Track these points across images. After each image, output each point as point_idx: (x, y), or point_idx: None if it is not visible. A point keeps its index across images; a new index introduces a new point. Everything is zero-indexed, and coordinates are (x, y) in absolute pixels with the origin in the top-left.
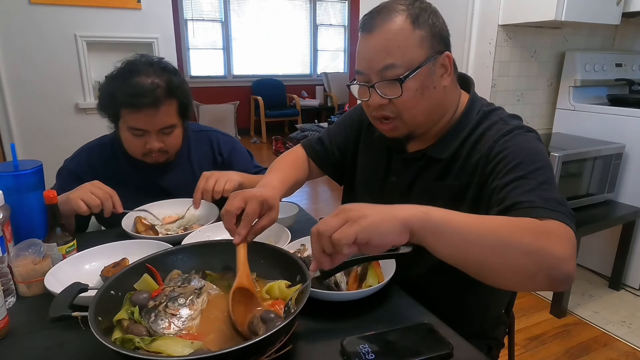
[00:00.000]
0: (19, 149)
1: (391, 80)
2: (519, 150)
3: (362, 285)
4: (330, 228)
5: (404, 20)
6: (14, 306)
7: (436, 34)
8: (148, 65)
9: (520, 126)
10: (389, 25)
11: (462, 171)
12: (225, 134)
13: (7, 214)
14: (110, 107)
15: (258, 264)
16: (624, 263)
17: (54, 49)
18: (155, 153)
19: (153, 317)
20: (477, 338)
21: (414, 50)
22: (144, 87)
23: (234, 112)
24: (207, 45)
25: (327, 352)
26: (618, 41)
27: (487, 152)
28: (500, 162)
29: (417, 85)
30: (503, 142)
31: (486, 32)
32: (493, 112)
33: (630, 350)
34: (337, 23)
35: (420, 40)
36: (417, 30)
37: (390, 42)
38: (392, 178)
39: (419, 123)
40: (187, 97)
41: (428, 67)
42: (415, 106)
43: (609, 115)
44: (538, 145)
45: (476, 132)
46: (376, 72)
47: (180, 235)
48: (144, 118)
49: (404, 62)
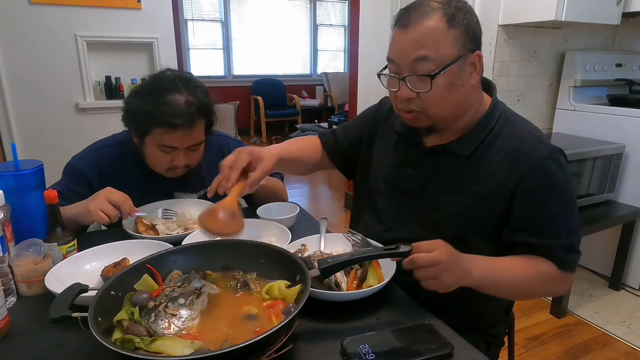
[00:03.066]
0: (19, 149)
1: (422, 75)
2: (557, 191)
3: (362, 285)
4: (423, 275)
5: (440, 18)
6: (14, 306)
7: (470, 32)
8: (180, 81)
9: (556, 149)
10: (425, 21)
11: (487, 176)
12: (236, 139)
13: (7, 214)
14: (144, 124)
15: (258, 264)
16: (624, 263)
17: (54, 49)
18: (180, 169)
19: (153, 318)
20: (476, 333)
21: (447, 47)
22: (180, 107)
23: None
24: (207, 45)
25: (327, 352)
26: (618, 41)
27: (525, 175)
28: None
29: (447, 82)
30: (544, 176)
31: (486, 32)
32: (515, 117)
33: (630, 350)
34: (337, 23)
35: (454, 39)
36: (452, 29)
37: (425, 36)
38: (408, 170)
39: (443, 118)
40: (214, 114)
41: (459, 64)
42: (441, 102)
43: (609, 115)
44: (571, 179)
45: (501, 135)
46: (408, 64)
47: (180, 235)
48: (178, 137)
49: (436, 57)
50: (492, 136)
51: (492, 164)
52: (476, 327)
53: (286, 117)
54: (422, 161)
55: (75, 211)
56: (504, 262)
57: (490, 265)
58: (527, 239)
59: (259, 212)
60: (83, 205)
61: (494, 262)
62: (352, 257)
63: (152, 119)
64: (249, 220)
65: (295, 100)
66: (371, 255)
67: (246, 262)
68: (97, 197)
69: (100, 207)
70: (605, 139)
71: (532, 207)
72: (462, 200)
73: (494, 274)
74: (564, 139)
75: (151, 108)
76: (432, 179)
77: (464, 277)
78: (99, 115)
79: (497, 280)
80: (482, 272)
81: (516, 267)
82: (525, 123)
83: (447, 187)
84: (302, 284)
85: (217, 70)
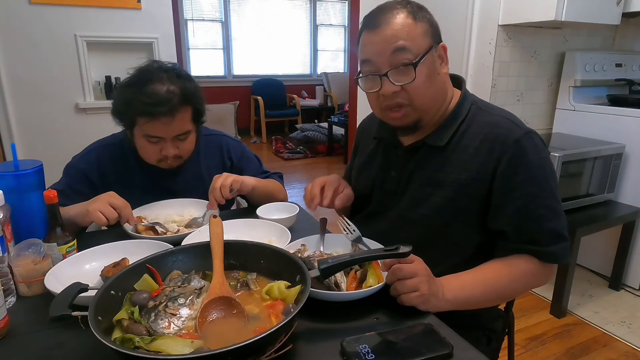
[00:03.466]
0: (19, 149)
1: (404, 66)
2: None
3: (362, 285)
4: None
5: (406, 15)
6: (14, 306)
7: (433, 26)
8: (162, 72)
9: (530, 131)
10: (394, 19)
11: (465, 164)
12: (234, 139)
13: (7, 214)
14: (126, 115)
15: (258, 264)
16: (624, 263)
17: (54, 49)
18: (170, 159)
19: (153, 317)
20: (476, 328)
21: (420, 38)
22: (160, 96)
23: (234, 112)
24: (207, 45)
25: (327, 352)
26: (618, 41)
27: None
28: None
29: (427, 71)
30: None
31: (486, 32)
32: (487, 105)
33: (630, 350)
34: (337, 23)
35: (423, 31)
36: (419, 23)
37: (399, 30)
38: (392, 173)
39: (427, 109)
40: (201, 103)
41: (432, 54)
42: (426, 92)
43: (609, 115)
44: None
45: (475, 122)
46: (387, 59)
47: (180, 235)
48: (160, 126)
49: (413, 47)
50: (465, 125)
51: (468, 151)
52: (476, 324)
53: (286, 117)
54: (403, 161)
55: (74, 212)
56: (475, 274)
57: (460, 284)
58: (508, 226)
59: (258, 212)
60: (83, 206)
61: (464, 278)
62: (352, 257)
63: (132, 109)
64: (249, 220)
65: (295, 100)
66: (371, 256)
67: (246, 263)
68: (98, 199)
69: (100, 209)
70: (605, 139)
71: (510, 189)
72: (444, 191)
73: (467, 291)
74: (564, 139)
75: (131, 98)
76: (414, 175)
77: (440, 300)
78: (99, 115)
79: (473, 295)
80: (455, 294)
81: (489, 275)
82: (499, 110)
83: (428, 181)
84: (302, 285)
85: (217, 70)
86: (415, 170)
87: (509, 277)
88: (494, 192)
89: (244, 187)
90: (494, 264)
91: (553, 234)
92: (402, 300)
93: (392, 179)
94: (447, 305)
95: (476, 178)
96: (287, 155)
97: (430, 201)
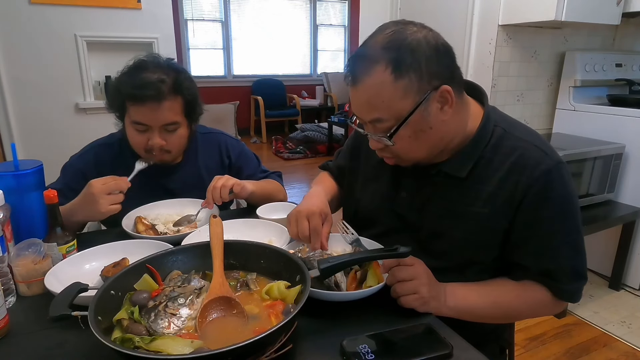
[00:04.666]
0: (19, 149)
1: (382, 132)
2: (561, 207)
3: (362, 285)
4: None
5: (384, 70)
6: (14, 306)
7: (424, 74)
8: (156, 63)
9: (560, 161)
10: (369, 79)
11: (488, 197)
12: (233, 137)
13: (7, 214)
14: (116, 100)
15: (258, 264)
16: (624, 263)
17: (54, 49)
18: (157, 151)
19: (153, 317)
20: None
21: (399, 103)
22: (149, 81)
23: (234, 112)
24: (207, 45)
25: (327, 352)
26: (618, 41)
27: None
28: (542, 220)
29: (410, 133)
30: (547, 191)
31: (486, 32)
32: (513, 126)
33: (630, 350)
34: (337, 23)
35: (404, 91)
36: (400, 81)
37: (373, 98)
38: (402, 194)
39: (421, 158)
40: (193, 96)
41: (419, 112)
42: (412, 149)
43: (609, 115)
44: (575, 196)
45: (500, 149)
46: (367, 123)
47: (180, 235)
48: (146, 111)
49: (390, 116)
50: (489, 152)
51: (492, 182)
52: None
53: (286, 117)
54: (416, 184)
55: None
56: (484, 288)
57: (464, 293)
58: (527, 261)
59: (258, 212)
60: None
61: (470, 288)
62: (352, 257)
63: (120, 93)
64: (248, 220)
65: (295, 100)
66: (371, 256)
67: (246, 263)
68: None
69: (110, 202)
70: (605, 139)
71: (534, 224)
72: (466, 225)
73: (470, 301)
74: (564, 139)
75: (121, 83)
76: (430, 204)
77: (441, 304)
78: (99, 115)
79: (476, 307)
80: (457, 302)
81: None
82: (527, 132)
83: (448, 213)
84: (301, 285)
85: (217, 70)
86: (432, 198)
87: (518, 299)
88: (517, 226)
89: (243, 192)
90: (506, 282)
91: (573, 272)
92: (402, 303)
93: (403, 200)
94: (447, 312)
95: (500, 211)
96: (287, 155)
97: (450, 236)
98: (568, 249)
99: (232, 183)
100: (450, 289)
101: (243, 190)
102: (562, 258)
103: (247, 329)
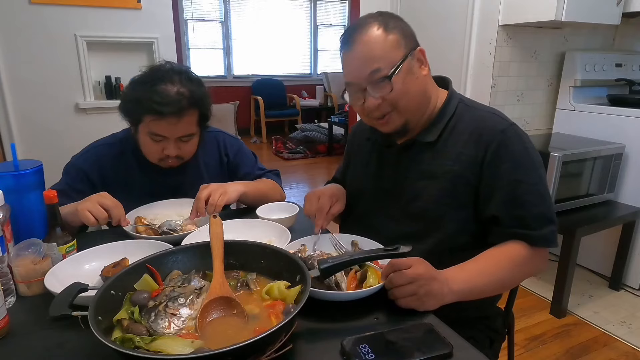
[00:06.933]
0: (19, 149)
1: (381, 80)
2: (519, 159)
3: (362, 285)
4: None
5: (377, 28)
6: (14, 306)
7: (407, 34)
8: (174, 73)
9: (513, 123)
10: (366, 36)
11: (456, 156)
12: (231, 135)
13: (7, 214)
14: (134, 112)
15: (258, 264)
16: (624, 263)
17: (54, 49)
18: (172, 159)
19: (153, 317)
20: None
21: (393, 52)
22: (170, 96)
23: (234, 112)
24: (207, 45)
25: (327, 352)
26: (618, 41)
27: (488, 148)
28: (503, 172)
29: (403, 78)
30: (504, 146)
31: (486, 32)
32: (474, 103)
33: (630, 350)
34: (337, 23)
35: (395, 42)
36: (390, 35)
37: (371, 51)
38: (387, 171)
39: (412, 111)
40: (209, 108)
41: (408, 62)
42: (405, 95)
43: (609, 116)
44: (533, 151)
45: (463, 118)
46: (365, 77)
47: (180, 235)
48: (166, 125)
49: (387, 64)
50: (454, 121)
51: (458, 144)
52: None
53: (286, 117)
54: (397, 159)
55: (65, 211)
56: (478, 264)
57: (467, 275)
58: (498, 212)
59: (258, 212)
60: (73, 206)
61: (469, 269)
62: (352, 257)
63: (141, 106)
64: (248, 220)
65: (295, 100)
66: (371, 256)
67: (246, 263)
68: (89, 199)
69: (89, 209)
70: (605, 139)
71: (497, 176)
72: (439, 182)
73: (472, 282)
74: (564, 139)
75: (141, 95)
76: (409, 171)
77: (445, 295)
78: (99, 115)
79: (477, 286)
80: (461, 286)
81: (491, 264)
82: (485, 106)
83: (423, 175)
84: (302, 285)
85: (217, 70)
86: (409, 166)
87: (507, 265)
88: (483, 181)
89: (230, 200)
90: (492, 252)
91: (542, 217)
92: (400, 304)
93: (388, 177)
94: (453, 297)
95: (467, 168)
96: (287, 155)
97: (426, 194)
98: (533, 196)
99: (217, 196)
100: (450, 274)
101: (228, 200)
102: (528, 204)
103: (247, 329)
